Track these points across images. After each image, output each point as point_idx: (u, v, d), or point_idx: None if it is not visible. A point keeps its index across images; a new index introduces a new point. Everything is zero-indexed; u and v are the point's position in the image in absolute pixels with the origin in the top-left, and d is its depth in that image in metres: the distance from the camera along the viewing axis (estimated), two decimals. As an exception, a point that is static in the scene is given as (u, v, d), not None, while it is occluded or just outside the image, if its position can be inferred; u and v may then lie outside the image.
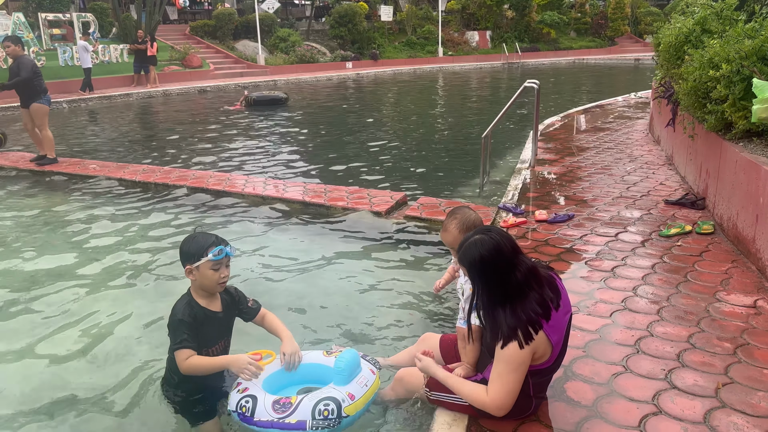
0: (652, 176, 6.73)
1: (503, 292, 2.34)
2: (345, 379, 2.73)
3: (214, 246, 2.76)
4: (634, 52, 37.19)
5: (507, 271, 2.33)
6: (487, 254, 2.31)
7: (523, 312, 2.32)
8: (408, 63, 31.29)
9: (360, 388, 2.73)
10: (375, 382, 2.85)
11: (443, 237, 2.75)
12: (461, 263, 2.40)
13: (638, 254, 4.43)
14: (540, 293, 2.36)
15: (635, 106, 13.37)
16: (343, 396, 2.66)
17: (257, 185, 7.21)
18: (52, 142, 8.68)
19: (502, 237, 2.36)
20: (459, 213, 2.75)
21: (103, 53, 20.96)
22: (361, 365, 2.87)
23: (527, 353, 2.32)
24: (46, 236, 5.85)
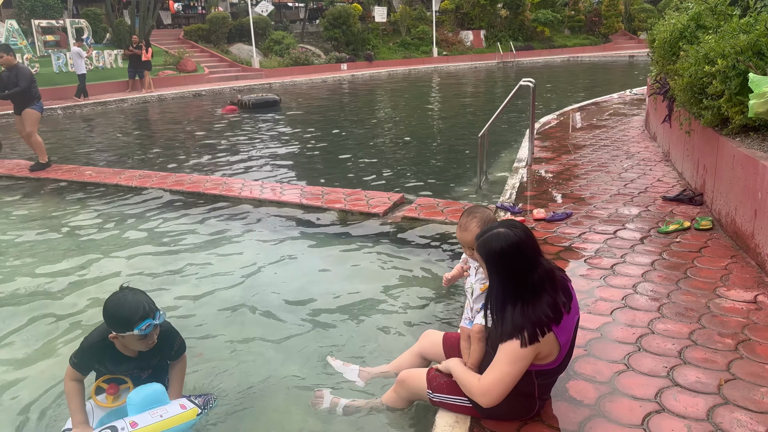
0: (650, 173, 6.73)
1: (516, 289, 2.33)
2: (135, 409, 2.72)
3: (142, 320, 2.64)
4: (629, 49, 37.25)
5: (524, 269, 2.32)
6: (508, 249, 2.30)
7: (533, 313, 2.30)
8: (403, 63, 31.29)
9: (149, 418, 2.69)
10: (179, 416, 2.78)
11: (462, 236, 2.66)
12: (479, 251, 2.37)
13: (637, 251, 4.42)
14: (554, 297, 2.35)
15: (631, 102, 13.38)
16: (125, 425, 2.64)
17: (254, 189, 7.19)
18: (42, 146, 8.74)
19: (525, 235, 2.35)
20: (478, 212, 2.68)
21: (97, 59, 20.93)
22: (170, 401, 2.84)
23: (529, 351, 2.31)
24: (42, 243, 5.82)
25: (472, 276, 2.70)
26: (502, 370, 2.35)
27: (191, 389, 3.29)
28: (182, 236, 5.89)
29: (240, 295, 4.53)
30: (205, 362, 3.62)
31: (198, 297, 4.52)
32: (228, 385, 3.37)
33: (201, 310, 4.31)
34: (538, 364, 2.41)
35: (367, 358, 3.60)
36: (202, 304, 4.42)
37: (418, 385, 2.77)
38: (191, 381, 3.38)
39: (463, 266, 2.92)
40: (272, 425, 3.04)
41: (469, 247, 2.64)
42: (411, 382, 2.82)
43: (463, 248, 2.74)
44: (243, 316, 4.22)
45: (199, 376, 3.46)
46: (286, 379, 3.41)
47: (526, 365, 2.36)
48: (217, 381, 3.42)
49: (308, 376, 3.42)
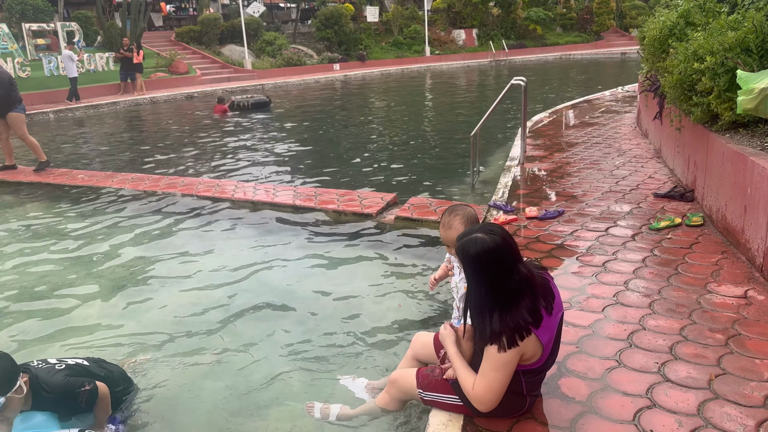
0: (641, 170, 6.76)
1: (493, 294, 2.32)
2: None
3: None
4: (620, 46, 37.34)
5: (501, 275, 2.30)
6: (484, 255, 2.27)
7: (511, 319, 2.30)
8: (395, 63, 31.29)
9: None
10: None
11: (446, 234, 2.65)
12: (458, 254, 2.37)
13: (629, 248, 4.44)
14: (532, 301, 2.34)
15: (623, 100, 13.42)
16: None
17: (247, 190, 7.18)
18: (37, 145, 8.78)
19: (503, 240, 2.31)
20: (460, 210, 2.68)
21: (88, 62, 20.84)
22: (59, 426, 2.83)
23: (511, 355, 2.32)
24: (32, 247, 5.80)
25: (457, 275, 2.72)
26: (489, 377, 2.37)
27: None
28: (174, 238, 5.88)
29: (232, 297, 4.53)
30: (192, 365, 3.62)
31: (190, 299, 4.52)
32: (217, 388, 3.37)
33: (193, 312, 4.31)
34: (523, 364, 2.42)
35: (360, 360, 3.61)
36: (194, 305, 4.42)
37: (409, 384, 2.78)
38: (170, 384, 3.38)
39: (447, 266, 2.93)
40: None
41: (452, 245, 2.64)
42: (402, 382, 2.83)
43: (447, 247, 2.74)
44: (235, 318, 4.22)
45: (187, 378, 3.46)
46: (276, 381, 3.42)
47: (513, 368, 2.37)
48: (205, 383, 3.43)
49: (299, 380, 3.43)
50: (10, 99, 8.34)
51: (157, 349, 3.83)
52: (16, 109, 8.44)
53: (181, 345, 3.87)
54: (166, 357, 3.74)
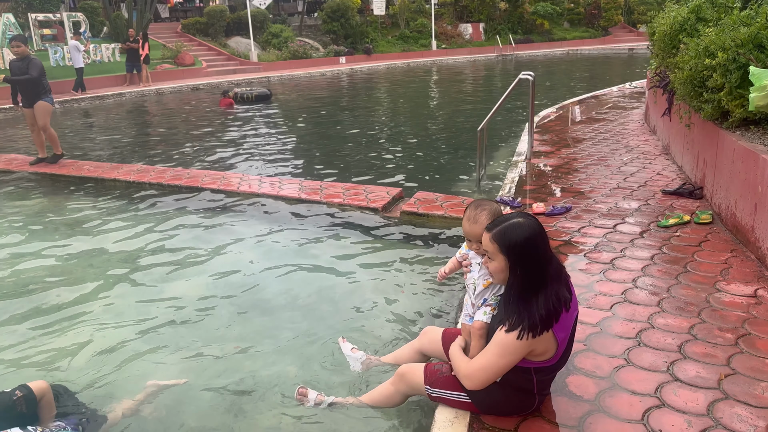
0: (649, 166, 6.71)
1: (538, 279, 2.32)
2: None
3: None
4: (628, 42, 37.13)
5: (543, 259, 2.33)
6: (532, 238, 2.30)
7: (552, 302, 2.31)
8: (401, 57, 31.18)
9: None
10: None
11: (472, 228, 2.58)
12: (498, 241, 2.33)
13: (637, 245, 4.41)
14: (560, 291, 2.35)
15: (630, 96, 13.34)
16: None
17: (252, 183, 7.16)
18: (56, 138, 8.73)
19: (541, 226, 2.38)
20: (487, 205, 2.62)
21: (94, 53, 20.83)
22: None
23: (522, 347, 2.31)
24: (37, 238, 5.80)
25: (475, 271, 2.66)
26: (492, 360, 2.37)
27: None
28: (180, 231, 5.87)
29: (238, 289, 4.52)
30: (195, 357, 3.61)
31: (196, 291, 4.51)
32: (224, 380, 3.36)
33: (199, 304, 4.30)
34: (536, 361, 2.40)
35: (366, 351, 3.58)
36: (199, 298, 4.40)
37: (417, 380, 2.75)
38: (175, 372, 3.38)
39: (459, 260, 2.88)
40: (264, 422, 3.02)
41: (476, 240, 2.57)
42: (410, 377, 2.80)
43: (468, 242, 2.66)
44: (240, 310, 4.21)
45: (196, 369, 3.45)
46: (280, 375, 3.40)
47: (515, 360, 2.36)
48: (208, 374, 3.41)
49: (302, 372, 3.41)
50: (40, 87, 8.32)
51: (160, 341, 3.82)
52: (46, 99, 8.40)
53: (184, 337, 3.86)
54: (170, 348, 3.72)
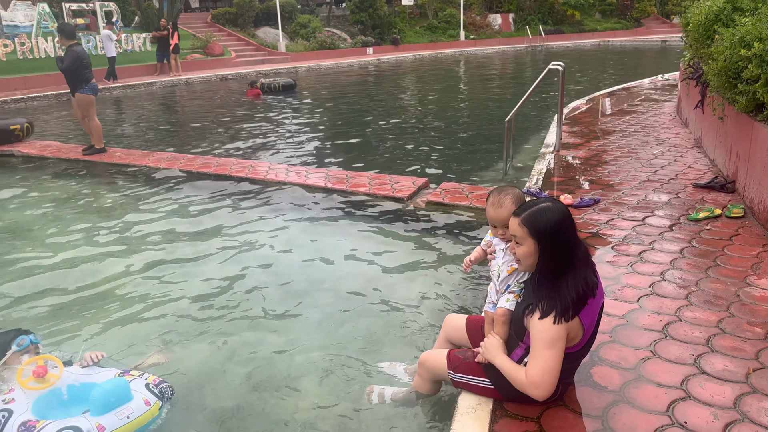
0: (680, 159, 6.60)
1: (567, 263, 2.34)
2: (99, 409, 2.61)
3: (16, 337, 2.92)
4: (661, 34, 36.41)
5: (573, 242, 2.36)
6: (561, 222, 2.32)
7: (582, 285, 2.33)
8: (429, 48, 31.03)
9: (117, 421, 2.62)
10: (146, 414, 2.74)
11: (497, 213, 2.57)
12: (527, 225, 2.33)
13: (666, 239, 4.35)
14: (588, 274, 2.37)
15: (662, 88, 13.10)
16: (91, 427, 2.54)
17: (279, 172, 7.23)
18: (99, 131, 8.63)
19: (568, 210, 2.39)
20: (510, 190, 2.61)
21: (126, 42, 21.15)
22: (133, 395, 2.75)
23: (563, 330, 2.30)
24: (70, 223, 5.94)
25: (499, 258, 2.66)
26: (543, 357, 2.31)
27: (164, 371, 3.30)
28: (208, 218, 5.96)
29: (263, 278, 4.58)
30: (221, 344, 3.66)
31: (223, 278, 4.58)
32: (246, 367, 3.41)
33: (226, 292, 4.37)
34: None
35: (391, 342, 3.61)
36: (226, 285, 4.47)
37: (439, 366, 2.77)
38: (217, 362, 3.44)
39: (484, 248, 2.88)
40: (301, 415, 3.04)
41: (502, 225, 2.57)
42: (431, 363, 2.82)
43: (493, 228, 2.66)
44: (266, 298, 4.26)
45: (215, 357, 3.51)
46: (305, 361, 3.44)
47: (563, 345, 2.33)
48: (234, 362, 3.46)
49: (329, 360, 3.44)
50: (76, 77, 8.27)
51: (186, 328, 3.89)
52: (83, 90, 8.35)
53: (210, 324, 3.93)
54: (196, 336, 3.79)
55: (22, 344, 2.85)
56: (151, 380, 2.93)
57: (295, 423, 2.93)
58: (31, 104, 15.43)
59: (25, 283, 4.59)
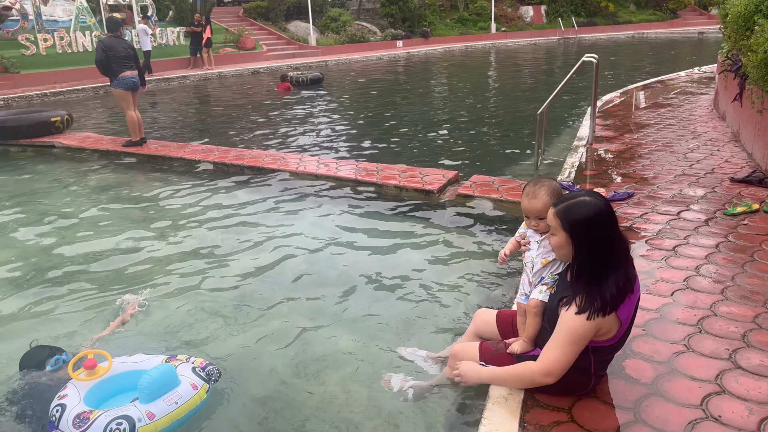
0: (717, 153, 6.47)
1: (606, 258, 2.32)
2: (147, 396, 2.64)
3: (50, 357, 3.06)
4: (699, 25, 35.55)
5: (610, 239, 2.33)
6: (596, 217, 2.30)
7: (622, 281, 2.31)
8: (459, 40, 30.83)
9: (166, 407, 2.65)
10: (194, 398, 2.77)
11: (531, 204, 2.58)
12: (561, 218, 2.33)
13: (701, 233, 4.29)
14: (629, 270, 2.35)
15: (699, 81, 12.82)
16: (141, 415, 2.57)
17: (310, 164, 7.30)
18: (133, 124, 8.65)
19: (608, 205, 2.36)
20: (546, 182, 2.62)
21: (160, 36, 21.49)
22: (180, 380, 2.78)
23: (592, 327, 2.30)
24: (106, 214, 6.10)
25: (533, 250, 2.67)
26: (564, 349, 2.34)
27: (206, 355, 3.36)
28: (241, 209, 6.06)
29: (296, 269, 4.64)
30: (257, 331, 3.74)
31: (256, 269, 4.66)
32: (279, 354, 3.48)
33: (259, 283, 4.44)
34: (596, 340, 2.39)
35: (419, 333, 3.65)
36: (259, 276, 4.55)
37: (471, 357, 2.79)
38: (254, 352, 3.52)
39: (518, 240, 2.89)
40: (333, 402, 3.09)
41: (536, 216, 2.58)
42: (463, 355, 2.84)
43: (527, 219, 2.67)
44: (299, 289, 4.32)
45: (252, 344, 3.59)
46: (336, 350, 3.49)
47: (586, 343, 2.35)
48: (268, 349, 3.53)
49: (359, 349, 3.49)
50: (106, 71, 8.23)
51: (221, 315, 3.98)
52: (112, 84, 8.36)
53: (246, 312, 4.00)
54: (230, 323, 3.87)
55: (56, 365, 3.01)
56: (198, 363, 2.97)
57: (326, 410, 2.99)
58: (69, 97, 15.81)
59: (65, 268, 4.75)
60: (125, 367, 2.95)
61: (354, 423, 2.89)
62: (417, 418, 2.88)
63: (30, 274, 4.68)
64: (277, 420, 2.95)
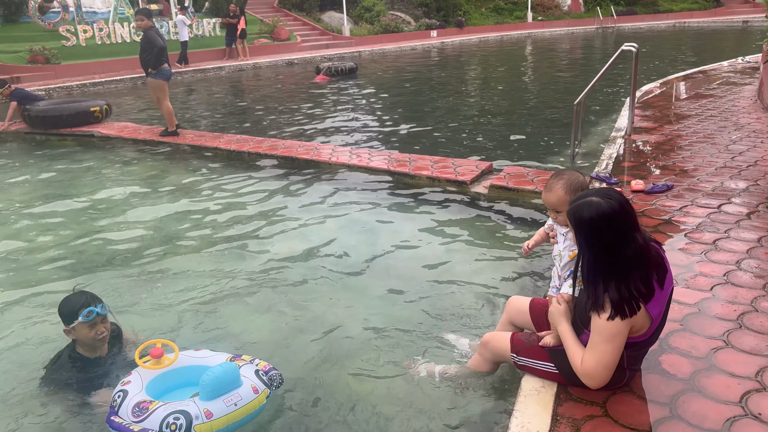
0: (760, 145, 6.28)
1: (607, 263, 2.25)
2: (208, 394, 2.56)
3: (84, 308, 2.94)
4: (743, 14, 34.43)
5: (616, 243, 2.23)
6: (599, 220, 2.21)
7: (626, 289, 2.23)
8: (495, 30, 30.47)
9: (224, 407, 2.56)
10: (253, 402, 2.66)
11: (545, 196, 2.62)
12: (569, 218, 2.31)
13: (743, 227, 4.17)
14: (646, 272, 2.25)
15: (742, 71, 12.43)
16: (199, 412, 2.50)
17: (343, 155, 7.32)
18: (169, 114, 8.83)
19: (621, 207, 2.23)
20: (566, 174, 2.62)
21: (197, 27, 21.76)
22: (243, 381, 2.69)
23: (623, 326, 2.25)
24: (145, 200, 6.23)
25: (560, 242, 2.65)
26: (599, 350, 2.30)
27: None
28: (274, 198, 6.13)
29: (326, 257, 4.67)
30: (289, 318, 3.78)
31: (287, 256, 4.71)
32: (311, 341, 3.50)
33: (290, 268, 4.49)
34: (629, 336, 2.35)
35: (451, 321, 3.64)
36: (291, 262, 4.60)
37: (502, 347, 2.77)
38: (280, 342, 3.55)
39: (548, 232, 2.86)
40: (363, 389, 3.11)
41: (552, 209, 2.60)
42: (494, 344, 2.83)
43: (550, 212, 2.69)
44: (328, 276, 4.35)
45: (283, 331, 3.63)
46: (370, 337, 3.51)
47: (624, 339, 2.30)
48: (301, 336, 3.56)
49: (392, 338, 3.50)
50: (145, 63, 8.44)
51: (253, 301, 4.03)
52: (154, 76, 8.52)
53: (276, 298, 4.05)
54: (263, 309, 3.92)
55: (89, 317, 2.94)
56: (262, 366, 2.89)
57: (357, 396, 3.00)
58: (108, 88, 16.15)
59: (103, 252, 4.88)
60: (190, 361, 2.91)
61: (383, 414, 2.89)
62: (444, 407, 2.86)
63: (74, 259, 4.81)
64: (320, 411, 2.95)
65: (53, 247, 5.07)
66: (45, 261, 4.80)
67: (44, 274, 4.58)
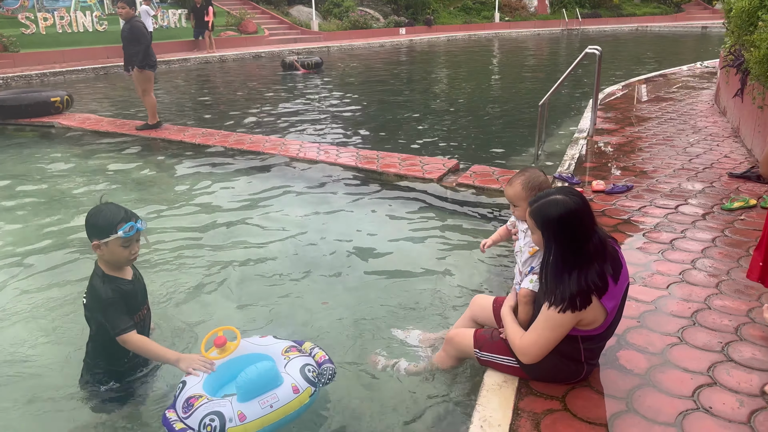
0: (717, 148, 6.49)
1: (568, 257, 2.33)
2: (243, 395, 2.49)
3: (125, 222, 2.67)
4: (702, 20, 35.43)
5: (579, 238, 2.33)
6: (565, 216, 2.30)
7: (584, 282, 2.31)
8: (463, 29, 30.70)
9: (259, 410, 2.46)
10: (293, 402, 2.55)
11: (506, 190, 2.76)
12: (533, 217, 2.39)
13: (698, 227, 4.32)
14: (602, 267, 2.34)
15: (701, 75, 12.81)
16: (233, 414, 2.43)
17: (310, 150, 7.30)
18: (152, 107, 8.60)
19: (584, 203, 2.35)
20: (528, 172, 2.75)
21: (161, 18, 21.36)
22: (283, 379, 2.58)
23: (568, 319, 2.35)
24: (104, 194, 6.10)
25: (521, 239, 2.72)
26: (540, 333, 2.43)
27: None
28: (241, 193, 6.07)
29: (292, 254, 4.65)
30: (253, 321, 3.77)
31: (254, 252, 4.68)
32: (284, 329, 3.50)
33: (258, 264, 4.47)
34: (583, 329, 2.43)
35: (415, 316, 3.67)
36: (257, 258, 4.57)
37: (466, 343, 2.83)
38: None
39: (510, 229, 2.94)
40: (326, 386, 3.13)
41: (510, 202, 2.75)
42: (458, 340, 2.88)
43: (511, 206, 2.79)
44: (294, 275, 4.31)
45: (250, 327, 3.62)
46: (331, 331, 3.52)
47: (565, 332, 2.40)
48: (266, 331, 3.56)
49: (354, 331, 3.52)
50: (133, 53, 8.20)
51: (224, 293, 4.00)
52: (143, 66, 8.26)
53: (241, 291, 4.03)
54: (224, 307, 3.90)
55: (129, 232, 2.67)
56: (318, 357, 2.80)
57: (320, 393, 3.01)
58: (69, 77, 15.74)
59: (64, 250, 4.77)
60: (253, 348, 2.82)
61: (350, 408, 2.91)
62: (409, 402, 2.90)
63: (38, 254, 4.70)
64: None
65: (10, 242, 4.94)
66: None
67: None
